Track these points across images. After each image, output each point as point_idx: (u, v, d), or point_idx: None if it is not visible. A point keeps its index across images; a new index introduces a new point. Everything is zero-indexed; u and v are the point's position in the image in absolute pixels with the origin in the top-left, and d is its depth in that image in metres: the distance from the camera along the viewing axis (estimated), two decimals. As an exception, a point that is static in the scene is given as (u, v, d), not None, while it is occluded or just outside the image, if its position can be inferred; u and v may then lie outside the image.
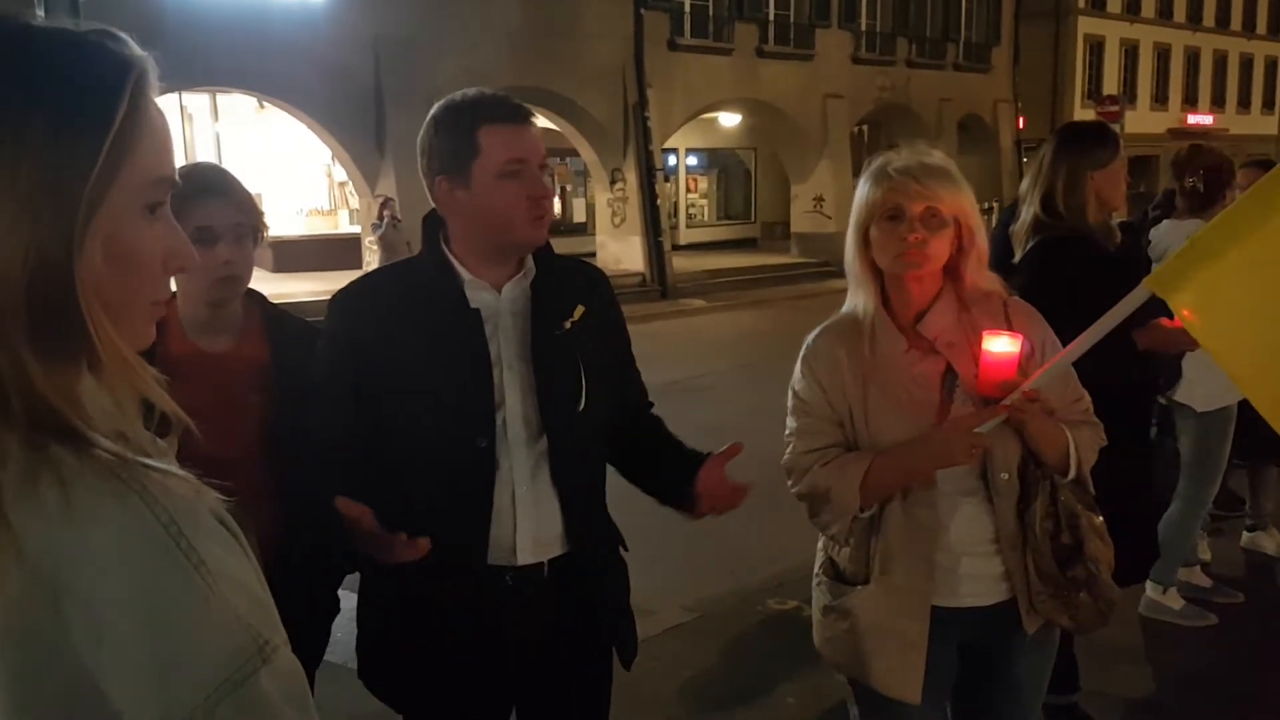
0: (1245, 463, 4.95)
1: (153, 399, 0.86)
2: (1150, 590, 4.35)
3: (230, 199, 2.11)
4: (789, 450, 2.23)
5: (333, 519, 1.78)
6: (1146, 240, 4.36)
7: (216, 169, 2.20)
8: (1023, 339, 2.10)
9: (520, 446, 1.99)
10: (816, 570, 2.34)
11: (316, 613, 2.34)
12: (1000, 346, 2.08)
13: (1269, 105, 43.89)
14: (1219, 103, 41.10)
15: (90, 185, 0.81)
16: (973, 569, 2.18)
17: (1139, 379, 3.15)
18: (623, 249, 19.95)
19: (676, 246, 22.69)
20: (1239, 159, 4.89)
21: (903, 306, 2.19)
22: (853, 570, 2.22)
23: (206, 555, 0.81)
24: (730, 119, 24.92)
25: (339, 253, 18.45)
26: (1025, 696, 2.32)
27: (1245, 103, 42.59)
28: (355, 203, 19.55)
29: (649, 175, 19.89)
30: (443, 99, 2.02)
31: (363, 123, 16.17)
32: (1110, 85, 35.38)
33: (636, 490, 2.20)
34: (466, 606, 1.99)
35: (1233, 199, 4.27)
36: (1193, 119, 38.94)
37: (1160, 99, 38.40)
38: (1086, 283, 2.77)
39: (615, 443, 2.18)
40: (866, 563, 2.19)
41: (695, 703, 3.90)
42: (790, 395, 2.26)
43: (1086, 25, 34.99)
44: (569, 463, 2.03)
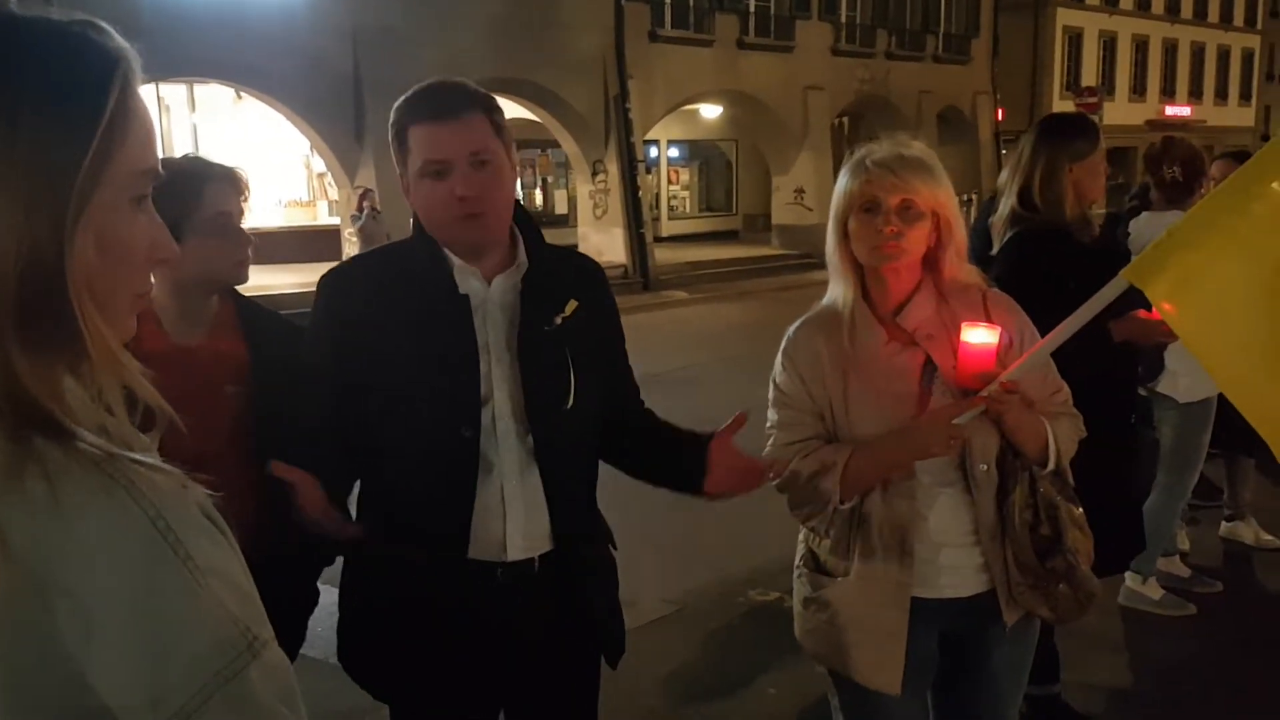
0: (1222, 453, 4.99)
1: (138, 392, 0.86)
2: (1130, 580, 4.38)
3: (239, 186, 2.16)
4: (770, 442, 2.23)
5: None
6: (1125, 232, 4.38)
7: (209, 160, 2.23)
8: (1001, 330, 2.11)
9: (510, 442, 1.97)
10: (797, 562, 2.35)
11: (294, 606, 2.33)
12: (979, 338, 2.08)
13: (1246, 97, 44.22)
14: (1196, 94, 41.38)
15: (81, 178, 0.81)
16: (952, 560, 2.18)
17: (1114, 371, 3.16)
18: (605, 240, 19.92)
19: (658, 238, 22.69)
20: (1216, 150, 4.92)
21: (882, 298, 2.19)
22: (833, 562, 2.22)
23: (194, 550, 0.81)
24: (711, 110, 24.91)
25: (318, 244, 18.32)
26: (1005, 687, 2.33)
27: (1223, 94, 42.89)
28: (334, 194, 19.44)
29: (631, 167, 19.87)
30: None
31: (341, 113, 16.06)
32: (1089, 77, 35.57)
33: (616, 483, 2.19)
34: (456, 600, 1.98)
35: (1208, 190, 4.30)
36: (1170, 110, 39.19)
37: (1138, 90, 38.63)
38: (1064, 275, 2.78)
39: (609, 440, 2.16)
40: (847, 554, 2.19)
41: (676, 695, 3.91)
42: (771, 387, 2.26)
43: (1065, 17, 35.14)
44: (556, 459, 2.00)
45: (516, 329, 1.98)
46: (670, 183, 27.46)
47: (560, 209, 24.15)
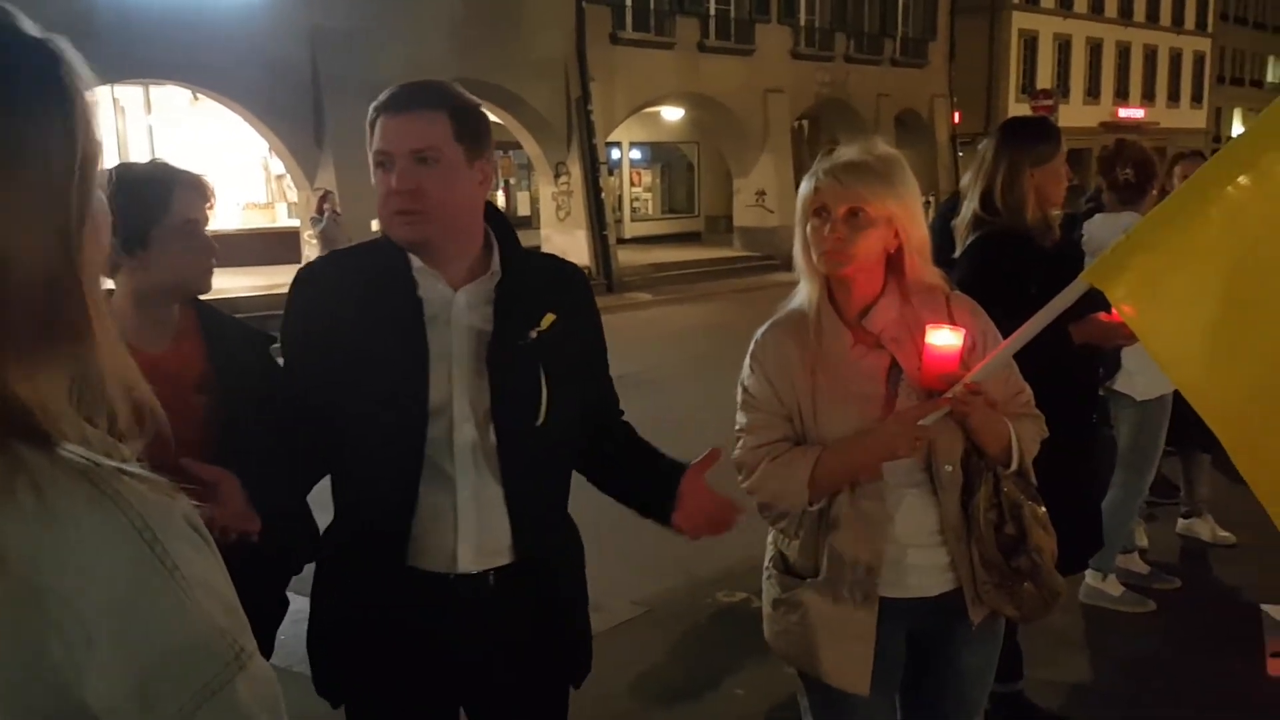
0: (1178, 450, 5.06)
1: (138, 391, 0.86)
2: (1090, 577, 4.44)
3: (205, 193, 2.15)
4: (739, 445, 2.24)
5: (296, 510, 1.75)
6: (1079, 234, 4.43)
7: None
8: (965, 332, 2.13)
9: (467, 453, 1.93)
10: (766, 564, 2.35)
11: (263, 615, 2.30)
12: (942, 340, 2.10)
13: (1198, 99, 44.98)
14: (1149, 96, 42.03)
15: (76, 178, 0.80)
16: (919, 560, 2.20)
17: (1075, 373, 3.19)
18: (568, 242, 19.87)
19: (621, 240, 22.69)
20: (1170, 151, 4.98)
21: (847, 301, 2.20)
22: (802, 563, 2.23)
23: (180, 560, 0.80)
24: (673, 113, 24.96)
25: (277, 247, 18.13)
26: (971, 686, 2.35)
27: (1175, 96, 43.60)
28: (294, 196, 19.24)
29: (593, 169, 19.87)
30: None
31: (300, 115, 15.91)
32: (1044, 79, 36.02)
33: (583, 486, 2.18)
34: (407, 609, 1.95)
35: (1162, 191, 4.37)
36: (1124, 112, 39.77)
37: (1093, 93, 39.17)
38: (1025, 278, 2.81)
39: (586, 453, 2.13)
40: (816, 555, 2.20)
41: (645, 697, 3.91)
42: (739, 390, 2.27)
43: (1021, 20, 35.57)
44: (522, 474, 1.96)
45: (487, 340, 1.93)
46: (633, 185, 27.48)
47: (523, 210, 24.07)
